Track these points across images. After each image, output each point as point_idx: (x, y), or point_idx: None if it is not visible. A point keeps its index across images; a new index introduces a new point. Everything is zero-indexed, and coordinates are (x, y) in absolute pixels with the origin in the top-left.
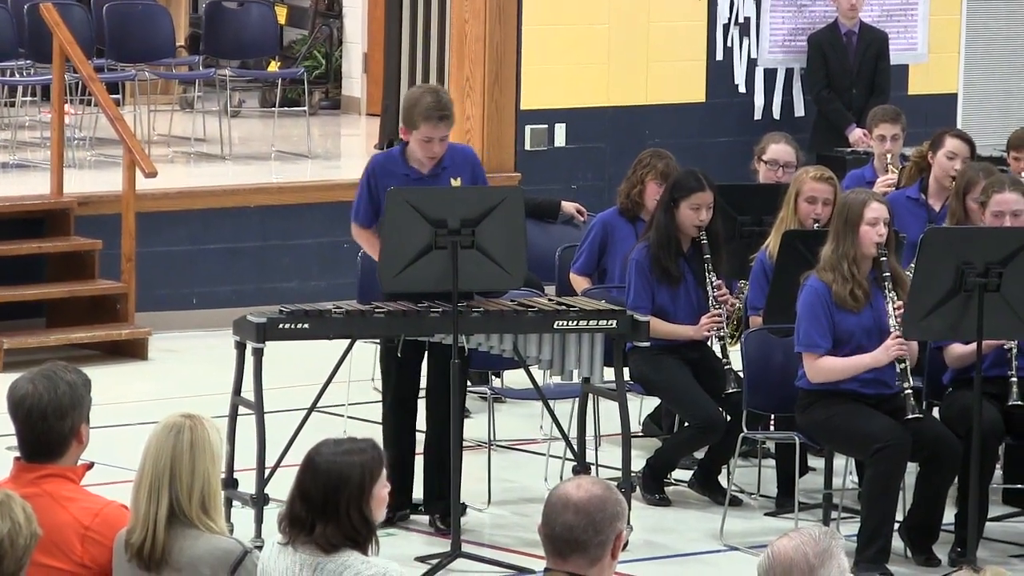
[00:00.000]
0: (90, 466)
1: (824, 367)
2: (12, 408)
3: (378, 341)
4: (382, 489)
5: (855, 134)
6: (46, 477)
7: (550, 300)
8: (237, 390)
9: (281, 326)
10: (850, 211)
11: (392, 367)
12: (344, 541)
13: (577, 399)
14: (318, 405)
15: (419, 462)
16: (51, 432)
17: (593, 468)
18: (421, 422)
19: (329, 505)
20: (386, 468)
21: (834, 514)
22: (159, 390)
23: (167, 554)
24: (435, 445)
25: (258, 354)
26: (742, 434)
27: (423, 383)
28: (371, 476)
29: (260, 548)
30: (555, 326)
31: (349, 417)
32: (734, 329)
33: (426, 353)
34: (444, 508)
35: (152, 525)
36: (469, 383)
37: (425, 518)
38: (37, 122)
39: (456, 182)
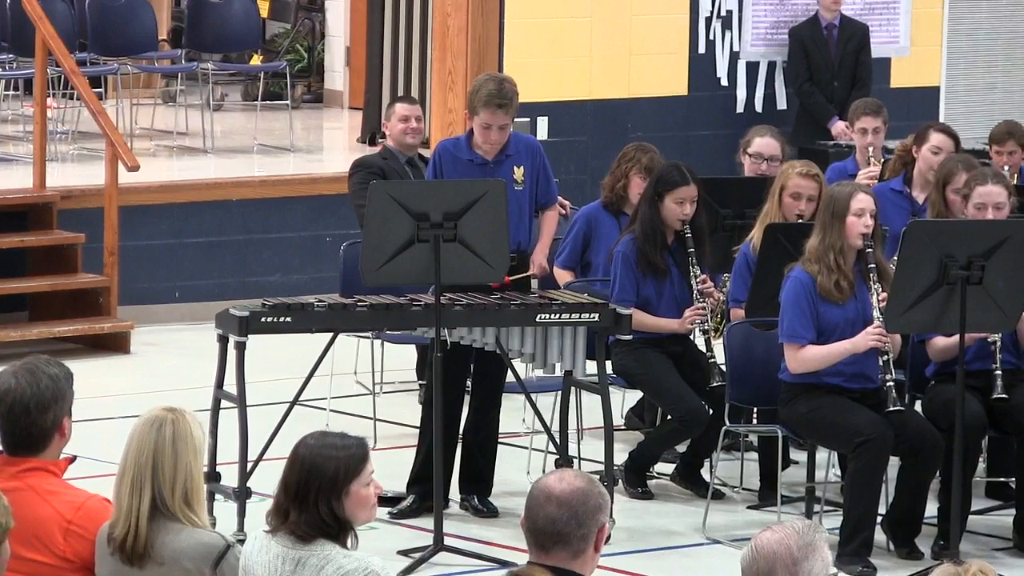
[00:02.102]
0: (72, 459)
1: (804, 356)
2: None
3: (369, 335)
4: (363, 488)
5: (837, 127)
6: (28, 471)
7: (532, 293)
8: (219, 383)
9: (263, 319)
10: (836, 202)
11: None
12: (316, 531)
13: (559, 392)
14: (300, 398)
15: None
16: (33, 426)
17: (575, 461)
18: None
19: (300, 494)
20: (420, 458)
21: (817, 507)
22: (141, 384)
23: (150, 548)
24: (472, 432)
25: (240, 347)
26: (725, 427)
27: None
28: (347, 473)
29: (243, 542)
30: (537, 319)
31: (331, 411)
32: (718, 323)
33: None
34: (480, 490)
35: (135, 519)
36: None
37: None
38: (20, 116)
39: (519, 171)
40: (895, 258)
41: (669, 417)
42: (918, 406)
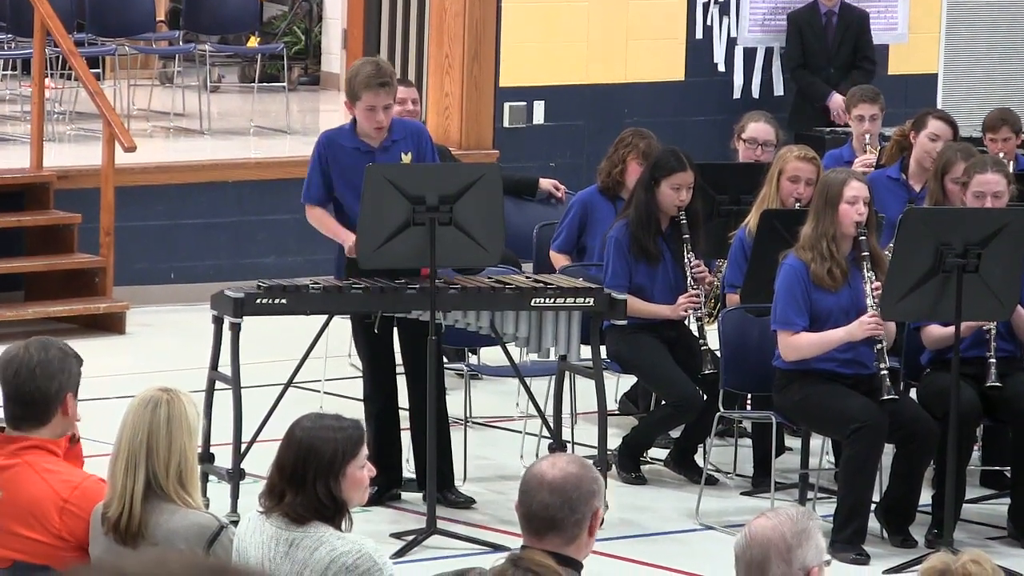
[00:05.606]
0: (71, 438)
1: (797, 343)
2: (1, 369)
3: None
4: (358, 471)
5: (834, 100)
6: (27, 448)
7: (527, 277)
8: (214, 365)
9: (259, 301)
10: (830, 190)
11: (369, 344)
12: (312, 513)
13: (553, 377)
14: (295, 380)
15: (405, 438)
16: (37, 391)
17: (569, 446)
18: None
19: (297, 475)
20: (370, 447)
21: (810, 494)
22: (136, 364)
23: (143, 528)
24: (421, 422)
25: (235, 329)
26: (719, 413)
27: (398, 359)
28: (343, 454)
29: (236, 523)
30: (532, 304)
31: (326, 393)
32: (712, 308)
33: (395, 329)
34: (440, 482)
35: (129, 499)
36: (445, 360)
37: (409, 495)
38: (17, 96)
39: (406, 157)
40: (891, 245)
41: (663, 402)
42: (913, 393)
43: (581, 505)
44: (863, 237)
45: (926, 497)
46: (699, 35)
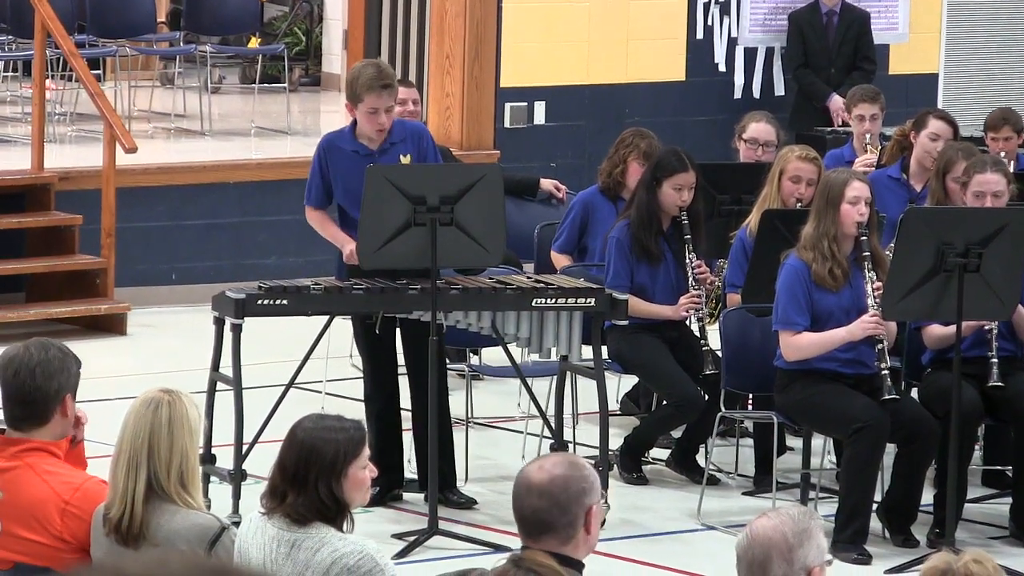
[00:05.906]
0: (72, 439)
1: (798, 343)
2: (1, 369)
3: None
4: (360, 471)
5: (835, 102)
6: (28, 451)
7: (528, 278)
8: (216, 366)
9: (260, 302)
10: (831, 190)
11: (370, 345)
12: (314, 514)
13: (555, 377)
14: (296, 381)
15: (407, 439)
16: (37, 391)
17: (570, 446)
18: (404, 399)
19: (299, 476)
20: (371, 448)
21: (812, 494)
22: (138, 365)
23: (145, 529)
24: (423, 423)
25: (237, 330)
26: (720, 413)
27: (400, 359)
28: (346, 455)
29: (237, 524)
30: (533, 304)
31: (327, 393)
32: (713, 308)
33: (398, 329)
34: (442, 483)
35: (130, 500)
36: (447, 360)
37: (411, 495)
38: (18, 97)
39: (405, 159)
40: (892, 245)
41: (664, 402)
42: (914, 393)
43: (572, 506)
44: (864, 237)
45: (928, 497)
46: (699, 35)
